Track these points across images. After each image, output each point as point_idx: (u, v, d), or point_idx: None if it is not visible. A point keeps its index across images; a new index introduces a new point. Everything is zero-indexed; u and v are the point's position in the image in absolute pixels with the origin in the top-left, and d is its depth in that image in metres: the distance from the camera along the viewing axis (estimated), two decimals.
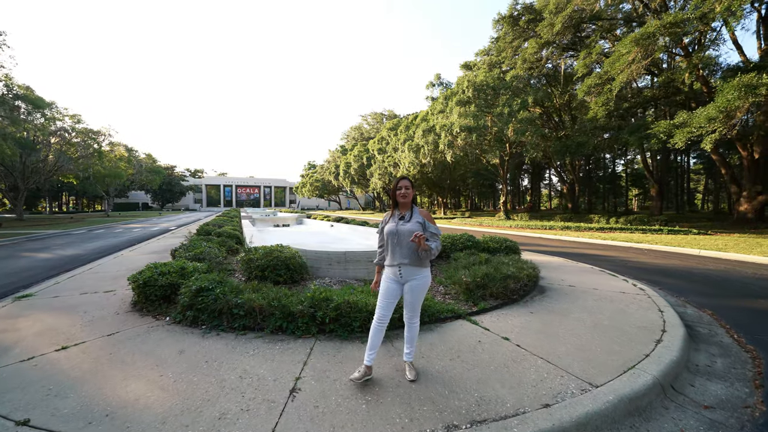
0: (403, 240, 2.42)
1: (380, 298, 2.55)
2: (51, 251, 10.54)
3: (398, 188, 2.53)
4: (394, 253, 2.48)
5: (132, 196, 76.62)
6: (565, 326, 3.70)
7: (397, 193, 2.52)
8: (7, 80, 19.44)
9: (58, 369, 2.76)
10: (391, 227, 2.49)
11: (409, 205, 2.56)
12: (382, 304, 2.53)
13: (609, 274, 6.64)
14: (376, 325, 2.53)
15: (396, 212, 2.57)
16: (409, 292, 2.52)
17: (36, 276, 6.83)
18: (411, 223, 2.45)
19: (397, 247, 2.45)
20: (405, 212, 2.54)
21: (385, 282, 2.55)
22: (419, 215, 2.52)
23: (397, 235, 2.45)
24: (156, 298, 4.24)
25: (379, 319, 2.54)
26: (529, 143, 23.08)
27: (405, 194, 2.50)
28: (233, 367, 2.77)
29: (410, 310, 2.59)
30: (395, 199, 2.55)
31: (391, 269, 2.50)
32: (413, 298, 2.53)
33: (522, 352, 3.06)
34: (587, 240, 13.78)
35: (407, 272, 2.47)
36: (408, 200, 2.52)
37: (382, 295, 2.54)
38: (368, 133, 68.76)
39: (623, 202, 46.55)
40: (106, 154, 35.02)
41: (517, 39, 25.10)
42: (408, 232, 2.41)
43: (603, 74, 17.12)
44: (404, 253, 2.44)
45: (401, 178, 2.53)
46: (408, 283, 2.51)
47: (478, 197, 67.95)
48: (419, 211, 2.56)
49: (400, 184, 2.52)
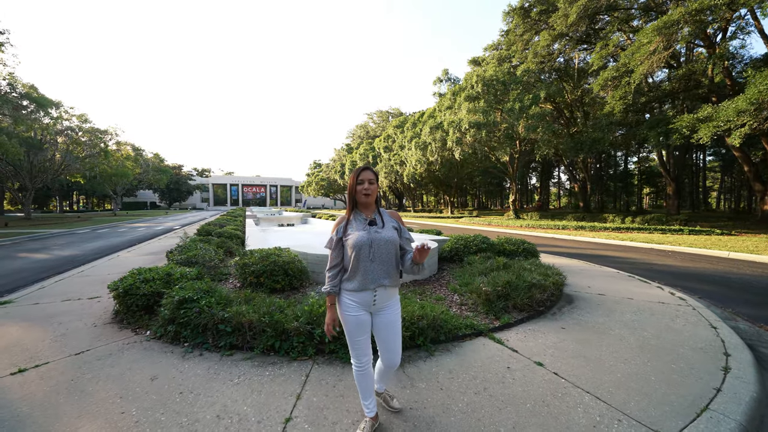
0: (383, 253, 1.80)
1: (351, 339, 1.88)
2: (49, 252, 10.26)
3: (359, 181, 1.84)
4: (368, 273, 1.79)
5: (140, 196, 77.27)
6: (606, 347, 3.15)
7: (359, 189, 1.84)
8: (11, 79, 19.41)
9: (4, 401, 2.30)
10: (363, 237, 1.79)
11: (374, 206, 1.93)
12: (358, 344, 1.88)
13: (640, 280, 6.03)
14: (359, 370, 1.92)
15: (359, 215, 1.90)
16: (386, 326, 1.88)
17: (25, 279, 6.47)
18: (387, 229, 1.85)
19: (374, 264, 1.80)
20: (371, 215, 1.89)
21: (351, 316, 1.84)
22: (391, 218, 1.94)
23: (373, 246, 1.79)
24: (137, 309, 3.79)
25: (359, 364, 1.91)
26: (541, 140, 22.30)
27: (369, 190, 1.83)
28: (211, 401, 2.28)
29: (391, 352, 1.91)
30: (354, 198, 1.88)
31: (361, 295, 1.82)
32: (394, 332, 1.90)
33: (561, 382, 2.52)
34: (603, 241, 13.08)
35: (383, 297, 1.85)
36: (372, 198, 1.87)
37: (354, 332, 1.86)
38: (374, 132, 68.22)
39: (635, 201, 45.30)
40: (112, 153, 35.11)
41: (528, 32, 24.27)
42: (388, 242, 1.82)
43: (621, 66, 16.30)
44: (385, 270, 1.82)
45: (362, 169, 1.85)
46: (381, 314, 1.88)
47: (485, 196, 66.95)
48: (388, 212, 1.97)
49: (361, 177, 1.83)
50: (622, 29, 20.18)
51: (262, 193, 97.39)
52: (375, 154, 46.89)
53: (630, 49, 15.76)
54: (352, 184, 1.86)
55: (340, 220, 1.91)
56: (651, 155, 38.76)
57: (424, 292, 4.73)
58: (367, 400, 1.97)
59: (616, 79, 17.18)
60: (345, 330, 1.90)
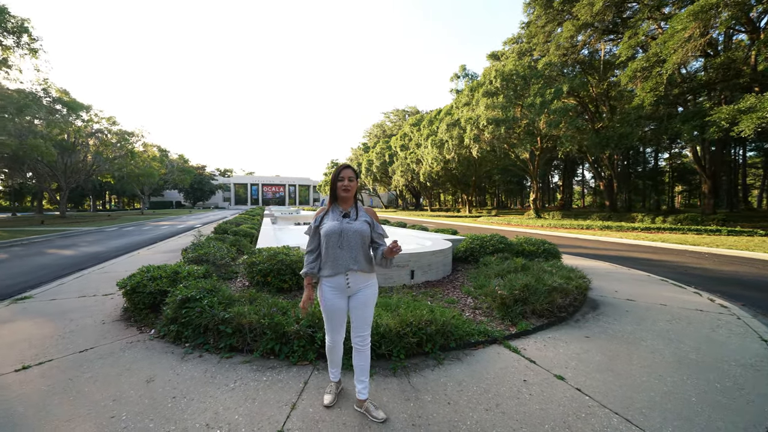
0: (352, 242, 2.02)
1: (328, 320, 2.11)
2: (75, 248, 10.70)
3: (340, 178, 2.06)
4: (337, 259, 2.01)
5: (166, 195, 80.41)
6: (638, 360, 2.82)
7: (339, 185, 2.06)
8: (44, 84, 20.55)
9: (2, 399, 2.28)
10: (334, 226, 2.02)
11: (352, 200, 2.15)
12: (333, 326, 2.12)
13: (673, 284, 5.54)
14: (331, 345, 2.18)
15: (336, 208, 2.11)
16: (360, 306, 2.07)
17: (48, 275, 6.72)
18: (359, 222, 2.06)
19: (342, 251, 2.01)
20: (348, 208, 2.11)
21: (326, 299, 2.06)
22: (365, 213, 2.15)
23: (343, 236, 2.01)
24: (144, 307, 3.77)
25: (332, 341, 2.18)
26: (563, 136, 21.36)
27: (348, 186, 2.06)
28: (203, 408, 2.16)
29: (362, 329, 2.09)
30: (335, 192, 2.10)
31: (334, 279, 2.04)
32: (366, 312, 2.08)
33: (585, 400, 2.24)
34: (631, 242, 12.32)
35: (356, 281, 2.05)
36: (351, 194, 2.09)
37: (330, 315, 2.09)
38: (390, 131, 67.96)
39: (666, 200, 42.84)
40: (139, 154, 36.62)
41: (550, 23, 23.29)
42: (356, 232, 2.03)
43: (651, 56, 15.30)
44: (353, 257, 2.02)
45: (343, 167, 2.07)
46: (356, 295, 2.08)
47: (504, 195, 65.33)
48: (365, 208, 2.18)
49: (342, 174, 2.06)
50: (652, 17, 18.97)
51: (281, 192, 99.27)
52: (391, 153, 46.67)
53: (662, 37, 14.77)
54: (333, 179, 2.07)
55: (320, 210, 2.15)
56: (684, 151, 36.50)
57: (435, 295, 4.49)
58: (334, 368, 2.26)
59: (646, 70, 16.15)
60: (323, 312, 2.11)
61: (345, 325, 2.17)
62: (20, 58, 17.71)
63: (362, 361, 2.10)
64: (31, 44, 17.34)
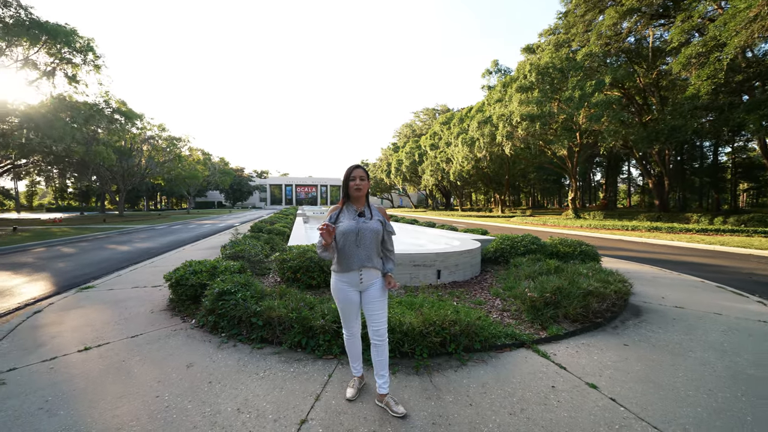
0: (368, 240, 2.09)
1: (343, 314, 2.22)
2: (130, 244, 11.79)
3: (351, 178, 2.13)
4: (352, 257, 2.08)
5: (209, 196, 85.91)
6: (684, 372, 2.60)
7: (351, 185, 2.13)
8: (106, 96, 22.86)
9: (68, 375, 2.59)
10: (351, 225, 2.08)
11: (364, 200, 2.22)
12: (349, 318, 2.22)
13: (733, 292, 5.01)
14: (349, 338, 2.28)
15: (350, 207, 2.18)
16: (373, 300, 2.13)
17: (108, 268, 7.47)
18: (374, 221, 2.14)
19: (359, 249, 2.08)
20: (361, 207, 2.19)
21: (340, 292, 2.16)
22: (378, 212, 2.22)
23: (360, 235, 2.08)
24: (186, 298, 4.09)
25: (349, 334, 2.27)
26: (606, 130, 19.97)
27: (360, 186, 2.12)
28: (235, 394, 2.31)
29: (378, 323, 2.15)
30: (347, 192, 2.16)
31: (349, 275, 2.12)
32: (379, 306, 2.14)
33: (620, 412, 2.11)
34: (685, 244, 11.26)
35: (368, 276, 2.14)
36: (363, 193, 2.16)
37: (345, 309, 2.19)
38: (420, 130, 67.49)
39: (728, 199, 38.53)
40: (185, 157, 39.52)
41: (590, 11, 21.87)
42: (372, 231, 2.10)
43: (709, 40, 13.86)
44: (367, 255, 2.10)
45: (355, 167, 2.15)
46: (369, 291, 2.14)
47: (540, 194, 62.35)
48: (377, 207, 2.26)
49: (353, 174, 2.13)
50: None
51: (313, 192, 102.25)
52: (421, 152, 46.34)
53: (722, 18, 13.32)
54: (345, 179, 2.15)
55: (334, 208, 2.20)
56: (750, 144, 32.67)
57: (461, 296, 4.42)
58: (356, 363, 2.35)
59: (702, 56, 14.66)
60: (338, 307, 2.21)
61: (359, 318, 2.24)
62: (86, 74, 19.82)
63: (380, 356, 2.14)
64: (95, 61, 19.34)
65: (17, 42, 16.93)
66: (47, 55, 18.41)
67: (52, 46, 17.72)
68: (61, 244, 11.72)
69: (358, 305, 2.18)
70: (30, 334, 3.45)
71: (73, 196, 60.52)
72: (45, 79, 18.94)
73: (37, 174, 40.47)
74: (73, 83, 19.54)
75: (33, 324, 3.74)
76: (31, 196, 64.57)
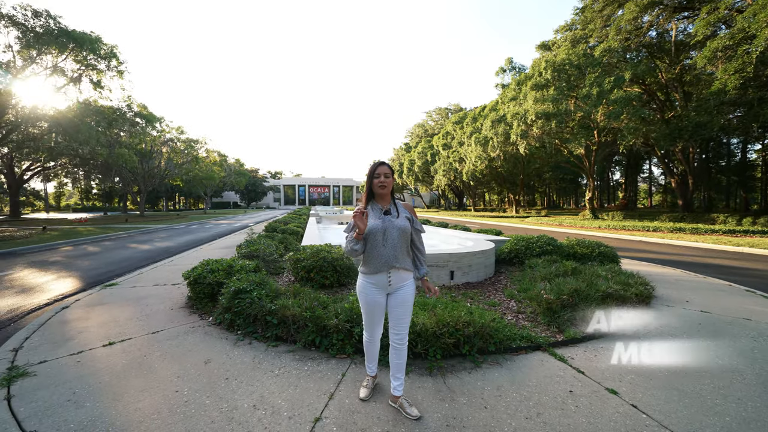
0: (395, 239, 2.01)
1: (367, 316, 2.15)
2: (151, 243, 12.19)
3: (376, 175, 2.05)
4: (380, 257, 2.00)
5: (225, 196, 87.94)
6: (710, 379, 2.49)
7: (375, 182, 2.06)
8: (129, 101, 23.77)
9: (94, 369, 2.70)
10: (377, 224, 2.01)
11: (389, 197, 2.13)
12: (372, 322, 2.15)
13: (762, 296, 4.77)
14: (369, 341, 2.23)
15: (375, 206, 2.10)
16: (399, 304, 2.07)
17: (130, 266, 7.74)
18: (401, 219, 2.05)
19: (386, 249, 2.00)
20: (386, 205, 2.10)
21: (366, 294, 2.08)
22: (404, 209, 2.13)
23: (387, 234, 2.00)
24: (204, 296, 4.19)
25: (370, 337, 2.22)
26: (625, 128, 19.35)
27: (384, 183, 2.05)
28: (251, 390, 2.36)
29: (401, 327, 2.09)
30: (371, 189, 2.09)
31: (376, 276, 2.04)
32: (405, 310, 2.08)
33: (642, 419, 2.04)
34: (711, 246, 10.79)
35: (397, 278, 2.06)
36: (388, 191, 2.08)
37: (369, 311, 2.12)
38: (432, 130, 67.11)
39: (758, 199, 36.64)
40: (202, 159, 40.58)
41: (609, 5, 21.23)
42: (399, 230, 2.02)
43: (737, 33, 13.23)
44: (395, 255, 2.02)
45: (379, 164, 2.06)
46: (396, 294, 2.07)
47: (556, 194, 60.95)
48: (402, 204, 2.16)
49: (378, 171, 2.05)
50: None
51: (325, 193, 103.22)
52: (433, 152, 46.08)
53: (751, 9, 12.69)
54: (369, 177, 2.07)
55: (359, 208, 2.06)
56: None
57: (475, 297, 4.37)
58: (371, 363, 2.32)
59: (729, 49, 14.01)
60: (362, 308, 2.14)
61: (383, 321, 2.19)
62: (110, 80, 20.64)
63: (399, 359, 2.11)
64: (119, 67, 20.11)
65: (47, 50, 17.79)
66: (74, 62, 19.29)
67: (79, 53, 18.54)
68: (86, 243, 12.24)
69: (384, 308, 2.12)
70: (59, 328, 3.61)
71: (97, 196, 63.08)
72: (72, 85, 19.84)
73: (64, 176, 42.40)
74: (98, 89, 20.39)
75: (61, 319, 3.91)
76: (59, 197, 67.63)
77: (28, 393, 2.33)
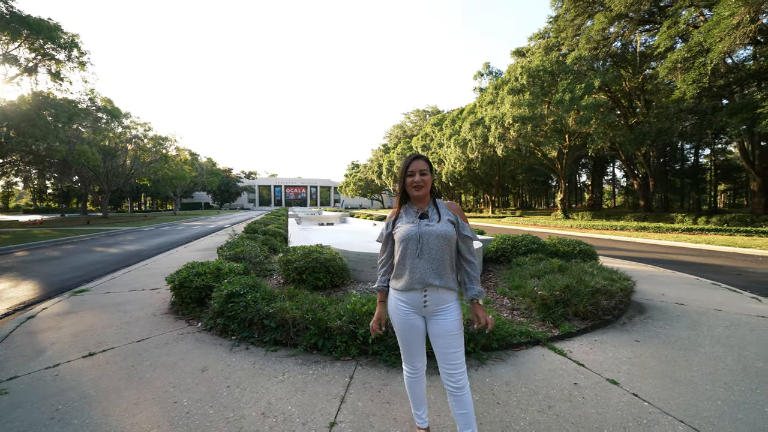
0: (434, 249, 1.54)
1: (402, 342, 1.69)
2: (119, 246, 11.42)
3: (409, 173, 1.60)
4: (414, 271, 1.55)
5: (196, 197, 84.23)
6: (698, 366, 2.66)
7: (408, 181, 1.61)
8: (92, 94, 22.16)
9: (76, 382, 2.47)
10: (411, 230, 1.57)
11: (428, 198, 1.66)
12: (409, 350, 1.69)
13: (727, 288, 5.17)
14: (411, 377, 1.74)
15: (411, 208, 1.67)
16: (442, 334, 1.56)
17: (99, 270, 7.21)
18: (442, 223, 1.58)
19: (422, 261, 1.55)
20: (424, 207, 1.65)
21: (400, 316, 1.62)
22: (448, 210, 1.65)
23: (422, 242, 1.55)
24: (191, 301, 3.97)
25: (411, 369, 1.73)
26: (594, 132, 20.47)
27: (419, 182, 1.59)
28: (257, 397, 2.25)
29: (451, 365, 1.56)
30: (405, 191, 1.66)
31: (408, 295, 1.59)
32: (451, 342, 1.56)
33: (644, 406, 2.14)
34: (672, 243, 11.62)
35: (435, 299, 1.56)
36: (425, 191, 1.62)
37: (404, 336, 1.66)
38: (411, 131, 67.81)
39: (707, 200, 40.00)
40: (172, 158, 38.61)
41: (580, 16, 22.40)
42: (439, 237, 1.54)
43: (694, 46, 14.38)
44: (434, 269, 1.54)
45: (414, 158, 1.60)
46: (436, 320, 1.58)
47: (528, 195, 63.43)
48: (446, 204, 1.68)
49: (412, 167, 1.59)
50: (694, 3, 17.83)
51: (302, 193, 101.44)
52: None
53: (706, 25, 13.83)
54: (401, 176, 1.64)
55: (391, 213, 1.74)
56: (729, 147, 34.05)
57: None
58: (420, 409, 1.79)
59: (688, 61, 15.19)
60: (396, 333, 1.70)
61: (424, 347, 1.71)
62: (71, 71, 19.16)
63: (461, 408, 1.56)
64: (80, 57, 18.70)
65: None
66: (29, 51, 17.72)
67: (35, 41, 17.07)
68: (45, 247, 11.28)
69: (423, 333, 1.65)
70: (26, 340, 3.29)
71: (52, 197, 58.40)
72: (26, 75, 18.22)
73: (14, 174, 38.88)
74: (56, 80, 18.86)
75: (28, 329, 3.57)
76: (7, 198, 62.03)
77: (4, 413, 2.10)
